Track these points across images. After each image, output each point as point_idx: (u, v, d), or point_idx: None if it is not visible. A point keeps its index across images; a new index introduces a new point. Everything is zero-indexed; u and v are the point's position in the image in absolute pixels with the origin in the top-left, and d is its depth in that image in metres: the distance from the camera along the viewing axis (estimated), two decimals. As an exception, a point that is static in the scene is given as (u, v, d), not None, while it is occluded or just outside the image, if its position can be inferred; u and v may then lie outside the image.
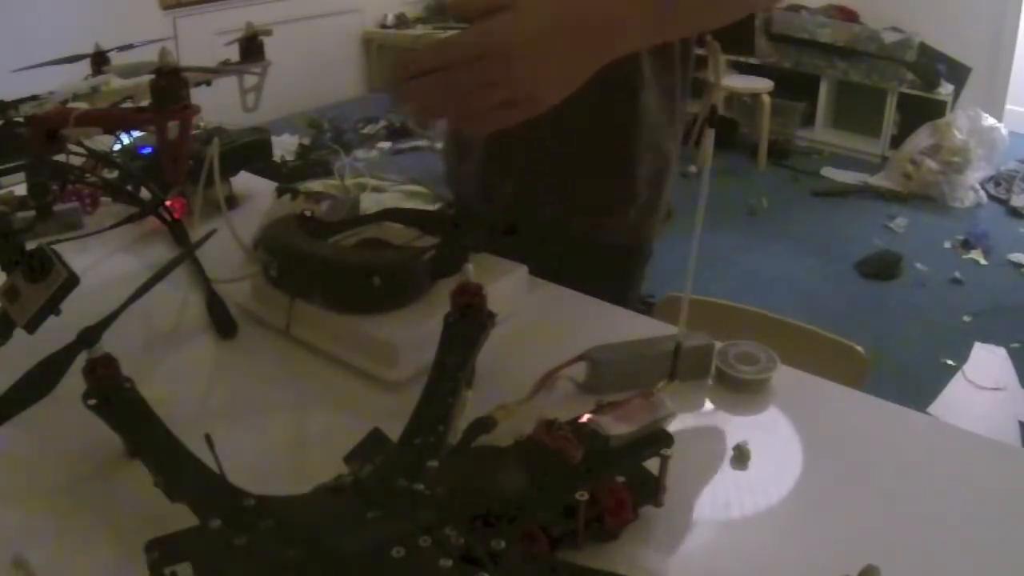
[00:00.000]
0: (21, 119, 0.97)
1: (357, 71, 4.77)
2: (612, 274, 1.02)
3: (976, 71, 4.09)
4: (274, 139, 1.30)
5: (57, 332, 0.63)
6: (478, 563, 0.45)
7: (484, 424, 0.61)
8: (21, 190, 0.99)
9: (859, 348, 1.04)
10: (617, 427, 0.54)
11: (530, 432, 0.54)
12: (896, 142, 4.12)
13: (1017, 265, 3.17)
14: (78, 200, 1.06)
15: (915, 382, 2.38)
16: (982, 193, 3.73)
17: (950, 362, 2.50)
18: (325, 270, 0.78)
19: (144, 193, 0.99)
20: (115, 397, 0.58)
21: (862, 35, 4.09)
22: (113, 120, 1.03)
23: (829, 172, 4.05)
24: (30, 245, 0.67)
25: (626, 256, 1.06)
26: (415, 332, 0.73)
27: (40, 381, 0.62)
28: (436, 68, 0.59)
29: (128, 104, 1.07)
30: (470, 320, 0.68)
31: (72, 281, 0.65)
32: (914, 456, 0.66)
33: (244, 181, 1.18)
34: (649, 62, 0.94)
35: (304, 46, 3.98)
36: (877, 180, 3.94)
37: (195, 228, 0.99)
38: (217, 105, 1.27)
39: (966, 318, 2.78)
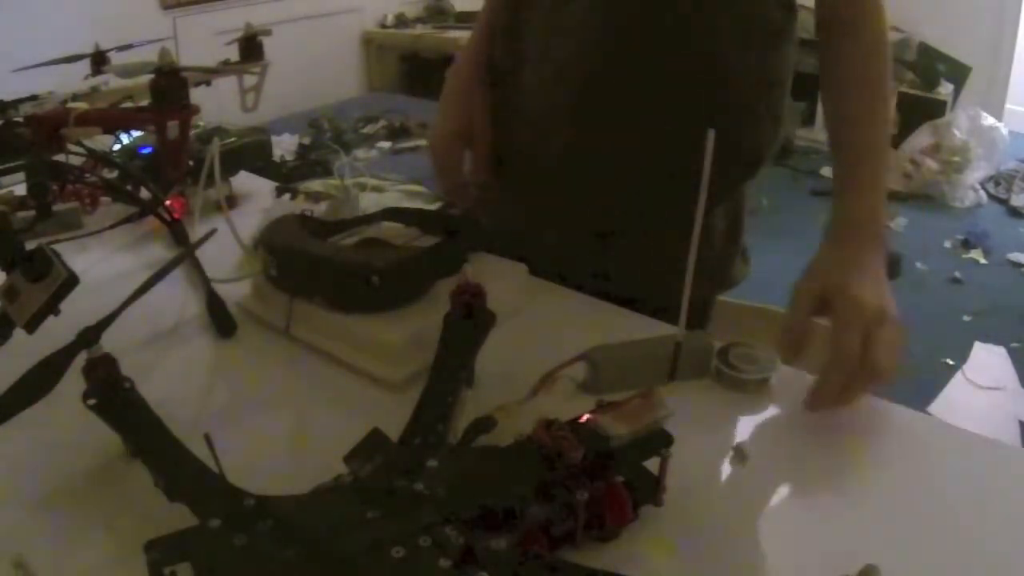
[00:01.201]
0: (21, 119, 0.97)
1: (357, 71, 4.76)
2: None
3: (976, 71, 4.08)
4: (274, 139, 1.30)
5: (57, 332, 0.63)
6: (478, 563, 0.45)
7: (484, 424, 0.61)
8: (21, 190, 0.99)
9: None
10: (617, 427, 0.54)
11: (530, 432, 0.54)
12: (896, 142, 4.11)
13: (1017, 265, 3.17)
14: (78, 200, 1.06)
15: (915, 382, 2.38)
16: (982, 193, 3.72)
17: (950, 362, 2.50)
18: (325, 270, 0.78)
19: (144, 193, 0.99)
20: (115, 397, 0.58)
21: (862, 35, 4.09)
22: (113, 120, 1.03)
23: (829, 171, 4.04)
24: (30, 245, 0.67)
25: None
26: (415, 332, 0.73)
27: (40, 381, 0.62)
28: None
29: (128, 104, 1.07)
30: (470, 320, 0.68)
31: (72, 281, 0.65)
32: (914, 456, 0.66)
33: (244, 181, 1.18)
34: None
35: (304, 46, 3.98)
36: (877, 180, 3.93)
37: (195, 228, 0.99)
38: (217, 105, 1.27)
39: (966, 318, 2.77)
